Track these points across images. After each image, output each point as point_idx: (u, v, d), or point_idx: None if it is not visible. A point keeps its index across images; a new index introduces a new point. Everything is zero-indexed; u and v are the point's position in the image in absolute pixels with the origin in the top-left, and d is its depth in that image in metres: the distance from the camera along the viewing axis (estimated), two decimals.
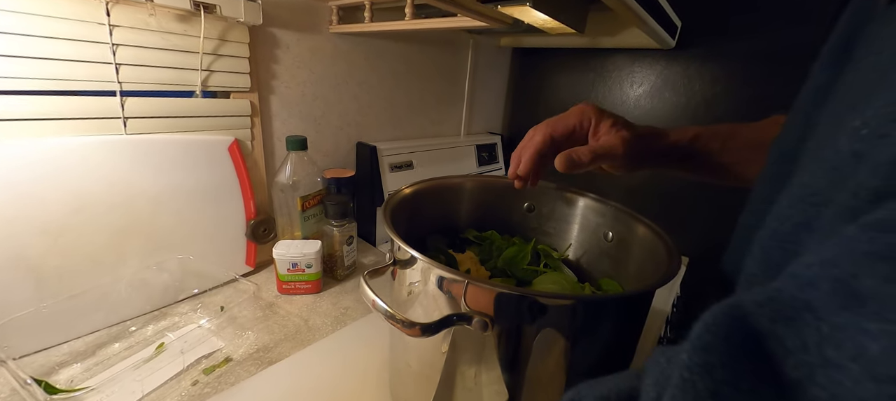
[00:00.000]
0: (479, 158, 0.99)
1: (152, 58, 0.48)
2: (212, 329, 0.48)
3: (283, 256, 0.54)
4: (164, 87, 0.50)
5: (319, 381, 0.42)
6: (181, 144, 0.51)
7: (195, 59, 0.50)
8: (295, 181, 0.57)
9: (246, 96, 0.58)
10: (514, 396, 0.29)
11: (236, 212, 0.58)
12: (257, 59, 0.58)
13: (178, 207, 0.52)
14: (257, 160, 0.61)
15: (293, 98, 0.65)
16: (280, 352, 0.46)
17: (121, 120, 0.47)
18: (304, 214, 0.59)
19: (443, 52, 0.89)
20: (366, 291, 0.27)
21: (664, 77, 0.87)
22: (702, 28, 0.79)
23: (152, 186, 0.49)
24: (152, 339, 0.46)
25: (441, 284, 0.28)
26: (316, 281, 0.57)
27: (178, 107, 0.51)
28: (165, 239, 0.51)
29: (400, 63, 0.81)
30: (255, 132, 0.60)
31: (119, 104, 0.46)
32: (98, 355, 0.44)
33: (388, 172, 0.76)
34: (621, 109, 0.94)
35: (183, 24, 0.49)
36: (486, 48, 1.01)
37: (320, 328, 0.51)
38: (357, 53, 0.72)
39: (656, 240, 0.35)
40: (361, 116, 0.77)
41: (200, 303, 0.53)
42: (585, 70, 0.98)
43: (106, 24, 0.44)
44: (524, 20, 0.65)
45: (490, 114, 1.12)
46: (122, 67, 0.46)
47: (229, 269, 0.55)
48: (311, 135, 0.69)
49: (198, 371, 0.43)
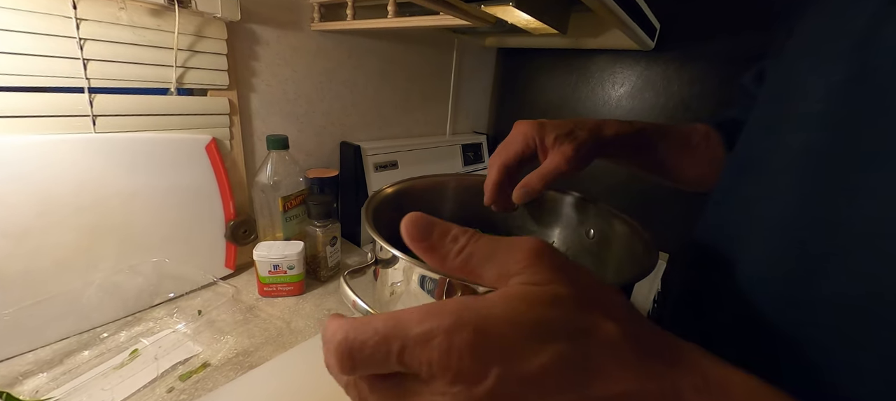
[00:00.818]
0: (464, 158, 0.99)
1: (123, 53, 0.46)
2: (188, 334, 0.47)
3: (264, 257, 0.53)
4: (136, 83, 0.48)
5: (301, 384, 0.42)
6: (156, 143, 0.50)
7: (169, 56, 0.49)
8: (276, 181, 0.56)
9: (224, 94, 0.56)
10: None
11: (215, 213, 0.57)
12: (236, 56, 0.57)
13: (152, 208, 0.50)
14: (237, 160, 0.60)
15: (274, 96, 0.64)
16: (261, 356, 0.45)
17: (89, 118, 0.45)
18: (285, 214, 0.58)
19: (428, 52, 0.89)
20: (346, 292, 0.26)
21: (645, 78, 0.89)
22: (680, 30, 0.81)
23: (125, 186, 0.47)
24: (125, 345, 0.45)
25: (423, 282, 0.28)
26: (298, 283, 0.56)
27: (151, 104, 0.49)
28: (139, 241, 0.50)
29: (385, 62, 0.80)
30: (235, 131, 0.58)
31: (87, 101, 0.44)
32: (66, 363, 0.42)
33: (373, 171, 0.75)
34: (604, 108, 0.96)
35: (156, 18, 0.47)
36: (472, 48, 1.01)
37: (303, 331, 0.50)
38: (340, 51, 0.71)
39: (634, 236, 0.35)
40: (345, 115, 0.76)
41: (177, 307, 0.51)
42: (569, 70, 1.00)
43: (72, 18, 0.42)
44: (508, 20, 0.65)
45: (476, 113, 1.13)
46: (91, 63, 0.44)
47: (207, 271, 0.53)
48: (293, 134, 0.68)
49: (173, 378, 0.41)
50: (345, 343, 0.14)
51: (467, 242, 0.17)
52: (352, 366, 0.14)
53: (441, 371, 0.13)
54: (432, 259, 0.17)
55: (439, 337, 0.13)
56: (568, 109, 1.02)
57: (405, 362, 0.13)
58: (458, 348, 0.13)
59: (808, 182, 0.23)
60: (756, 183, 0.28)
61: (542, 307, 0.14)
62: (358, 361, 0.14)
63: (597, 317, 0.15)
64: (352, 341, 0.14)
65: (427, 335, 0.13)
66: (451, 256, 0.17)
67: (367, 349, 0.14)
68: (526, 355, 0.13)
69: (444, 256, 0.17)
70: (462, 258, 0.16)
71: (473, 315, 0.14)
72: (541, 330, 0.14)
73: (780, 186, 0.25)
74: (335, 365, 0.14)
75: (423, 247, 0.17)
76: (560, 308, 0.14)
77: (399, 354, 0.13)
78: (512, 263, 0.16)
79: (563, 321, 0.14)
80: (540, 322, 0.14)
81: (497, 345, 0.13)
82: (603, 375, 0.14)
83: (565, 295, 0.15)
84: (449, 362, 0.13)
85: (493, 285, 0.16)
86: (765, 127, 0.29)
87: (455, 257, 0.17)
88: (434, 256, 0.17)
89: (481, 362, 0.13)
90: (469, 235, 0.17)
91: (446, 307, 0.14)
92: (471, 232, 0.17)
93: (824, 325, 0.21)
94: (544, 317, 0.14)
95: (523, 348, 0.13)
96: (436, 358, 0.13)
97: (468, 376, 0.13)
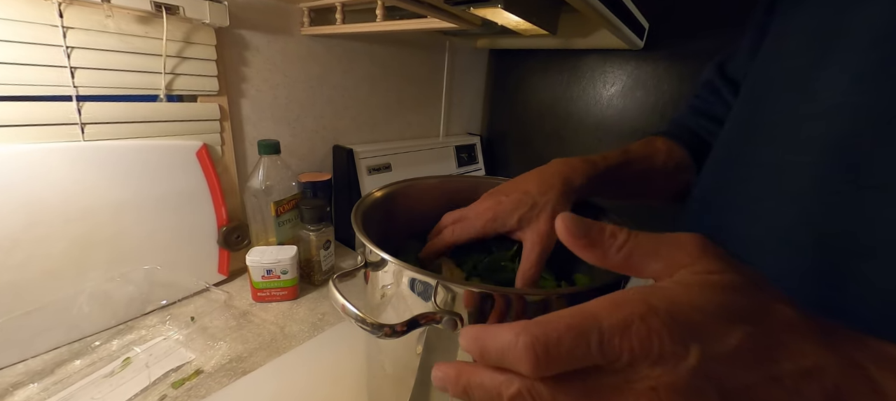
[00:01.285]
0: (458, 160, 1.00)
1: (111, 61, 0.46)
2: (181, 341, 0.46)
3: (257, 262, 0.53)
4: (124, 91, 0.48)
5: (296, 388, 0.41)
6: (146, 150, 0.50)
7: (158, 62, 0.49)
8: (268, 186, 0.56)
9: (214, 100, 0.56)
10: None
11: (207, 219, 0.57)
12: (226, 61, 0.57)
13: (143, 215, 0.50)
14: (228, 165, 0.60)
15: (265, 101, 0.64)
16: (255, 361, 0.45)
17: (78, 126, 0.45)
18: (278, 219, 0.58)
19: (419, 54, 0.90)
20: (335, 295, 0.26)
21: (635, 77, 0.90)
22: (668, 29, 0.82)
23: (115, 194, 0.47)
24: (117, 354, 0.44)
25: (413, 285, 0.28)
26: (292, 287, 0.56)
27: (141, 111, 0.49)
28: (130, 249, 0.49)
29: (376, 65, 0.80)
30: (226, 137, 0.58)
31: (75, 109, 0.44)
32: (57, 373, 0.41)
33: (366, 174, 0.75)
34: (595, 108, 0.97)
35: (143, 26, 0.47)
36: (463, 50, 1.01)
37: (297, 335, 0.50)
38: (331, 56, 0.71)
39: None
40: (337, 118, 0.76)
41: (169, 314, 0.51)
42: (560, 71, 1.00)
43: (59, 26, 0.42)
44: (497, 22, 0.66)
45: (469, 115, 1.13)
46: (78, 71, 0.44)
47: (200, 278, 0.53)
48: (285, 139, 0.68)
49: (166, 385, 0.41)
50: (537, 343, 0.14)
51: (627, 239, 0.18)
52: (548, 364, 0.14)
53: (643, 355, 0.14)
54: (591, 255, 0.18)
55: (636, 323, 0.14)
56: (560, 109, 1.02)
57: (605, 352, 0.14)
58: (657, 331, 0.14)
59: (837, 175, 0.23)
60: (765, 182, 0.27)
61: (725, 293, 0.15)
62: (555, 357, 0.14)
63: (772, 300, 0.15)
64: (545, 340, 0.14)
65: (624, 323, 0.14)
66: (612, 251, 0.18)
67: (564, 344, 0.14)
68: (719, 335, 0.14)
69: (604, 252, 0.18)
70: (624, 253, 0.17)
71: (663, 302, 0.15)
72: (728, 313, 0.15)
73: (801, 184, 0.25)
74: (529, 366, 0.14)
75: (581, 244, 0.18)
76: (740, 293, 0.15)
77: (599, 345, 0.14)
78: (681, 256, 0.17)
79: (745, 305, 0.15)
80: (725, 306, 0.15)
81: (690, 327, 0.14)
82: (790, 350, 0.14)
83: (741, 282, 0.16)
84: (650, 345, 0.14)
85: (656, 277, 0.17)
86: (769, 125, 0.29)
87: (616, 253, 0.18)
88: (594, 252, 0.18)
89: (681, 343, 0.14)
90: (628, 233, 0.18)
91: (631, 296, 0.15)
92: (627, 230, 0.18)
93: (869, 320, 0.21)
94: (728, 301, 0.15)
95: (716, 329, 0.14)
96: (636, 344, 0.14)
97: (670, 357, 0.14)
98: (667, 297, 0.15)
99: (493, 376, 0.15)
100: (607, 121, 0.95)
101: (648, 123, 0.89)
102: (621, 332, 0.14)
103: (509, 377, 0.15)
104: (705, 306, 0.15)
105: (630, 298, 0.15)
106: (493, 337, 0.15)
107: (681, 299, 0.15)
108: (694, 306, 0.15)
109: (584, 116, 0.99)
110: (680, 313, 0.14)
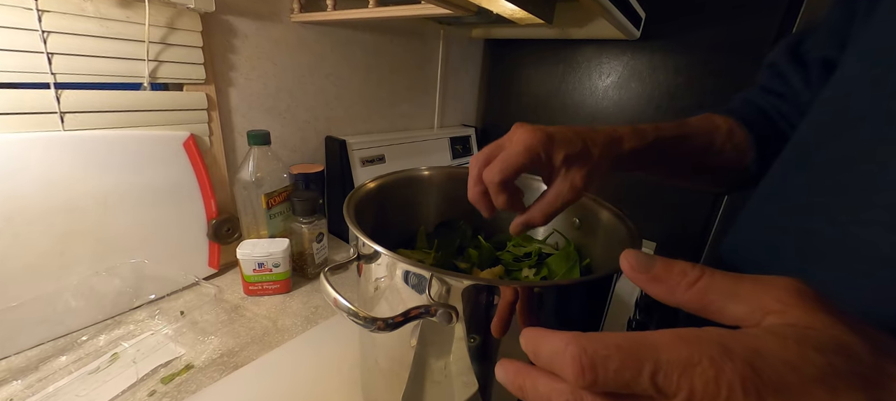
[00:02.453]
0: (453, 151, 0.99)
1: (90, 46, 0.44)
2: (171, 335, 0.46)
3: (248, 256, 0.52)
4: (106, 78, 0.46)
5: (288, 383, 0.41)
6: (130, 141, 0.48)
7: (141, 49, 0.47)
8: (259, 178, 0.55)
9: (201, 89, 0.54)
10: (484, 385, 0.29)
11: (195, 211, 0.55)
12: (212, 49, 0.55)
13: (129, 208, 0.48)
14: (217, 156, 0.58)
15: (255, 91, 0.62)
16: (246, 355, 0.45)
17: (57, 115, 0.43)
18: (269, 211, 0.57)
19: (413, 44, 0.88)
20: (326, 289, 0.26)
21: (631, 68, 0.89)
22: (665, 19, 0.82)
23: (98, 186, 0.46)
24: (105, 349, 0.43)
25: (407, 277, 0.28)
26: (285, 281, 0.55)
27: (124, 100, 0.48)
28: (116, 243, 0.48)
29: (369, 54, 0.79)
30: (214, 127, 0.57)
31: (54, 97, 0.42)
32: (42, 369, 0.40)
33: (360, 166, 0.74)
34: (591, 99, 0.96)
35: (124, 10, 0.45)
36: (458, 39, 1.00)
37: (290, 329, 0.49)
38: (323, 44, 0.70)
39: (619, 224, 0.35)
40: (330, 109, 0.75)
41: (159, 309, 0.50)
42: (556, 61, 0.99)
43: (34, 9, 0.40)
44: (493, 10, 0.65)
45: (464, 106, 1.12)
46: (56, 57, 0.42)
47: (190, 272, 0.52)
48: (276, 129, 0.66)
49: (155, 381, 0.40)
50: (584, 355, 0.14)
51: (700, 276, 0.16)
52: (593, 379, 0.14)
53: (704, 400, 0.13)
54: (657, 290, 0.17)
55: (704, 364, 0.13)
56: (556, 100, 1.02)
57: (658, 384, 0.13)
58: (727, 379, 0.12)
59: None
60: (874, 187, 0.22)
61: (829, 354, 0.13)
62: (602, 374, 0.14)
63: (892, 369, 0.13)
64: (592, 354, 0.14)
65: (688, 360, 0.13)
66: (682, 288, 0.16)
67: (612, 363, 0.14)
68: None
69: (672, 288, 0.17)
70: (696, 291, 0.16)
71: (743, 348, 0.13)
72: (830, 380, 0.12)
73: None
74: (572, 375, 0.14)
75: (644, 279, 0.17)
76: (850, 359, 0.13)
77: (652, 374, 0.13)
78: (769, 300, 0.15)
79: (855, 374, 0.13)
80: (828, 371, 0.13)
81: (774, 386, 0.12)
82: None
83: (852, 343, 0.13)
84: (717, 392, 0.12)
85: (738, 323, 0.15)
86: (879, 114, 0.23)
87: (686, 290, 0.16)
88: (659, 287, 0.17)
89: (755, 399, 0.12)
90: (701, 270, 0.16)
91: (704, 335, 0.14)
92: (701, 266, 0.17)
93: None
94: (834, 366, 0.13)
95: (808, 395, 0.12)
96: (699, 386, 0.13)
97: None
98: (750, 345, 0.13)
99: (548, 382, 0.16)
100: (602, 112, 0.95)
101: (644, 115, 0.89)
102: (682, 369, 0.13)
103: (561, 386, 0.15)
104: (801, 365, 0.12)
105: (701, 336, 0.13)
106: (547, 341, 0.16)
107: (770, 351, 0.13)
108: (787, 362, 0.13)
109: (580, 108, 0.98)
110: (765, 366, 0.13)
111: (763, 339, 0.13)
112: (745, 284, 0.15)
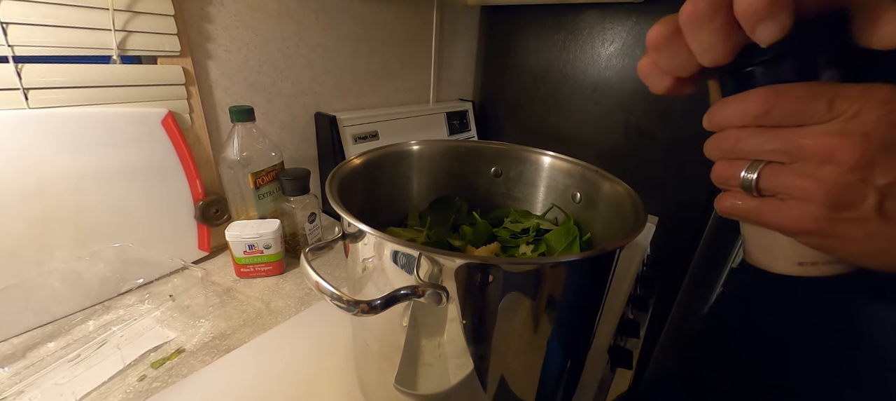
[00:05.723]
0: (449, 127, 0.95)
1: (48, 14, 0.40)
2: (161, 319, 0.45)
3: (237, 237, 0.50)
4: (70, 50, 0.43)
5: (281, 364, 0.40)
6: (103, 118, 0.45)
7: (105, 17, 0.43)
8: (245, 156, 0.52)
9: (177, 62, 0.51)
10: (479, 365, 0.28)
11: (181, 193, 0.53)
12: (186, 17, 0.51)
13: (108, 190, 0.46)
14: (200, 135, 0.55)
15: (236, 64, 0.59)
16: (239, 338, 0.44)
17: (19, 91, 0.40)
18: (257, 191, 0.55)
19: (405, 12, 0.83)
20: (307, 271, 0.24)
21: (635, 34, 0.85)
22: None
23: (71, 167, 0.43)
24: (94, 335, 0.42)
25: (395, 257, 0.26)
26: (277, 262, 0.54)
27: (93, 75, 0.44)
28: (97, 226, 0.46)
29: (358, 24, 0.74)
30: (194, 103, 0.54)
31: (14, 72, 0.39)
32: (29, 356, 0.39)
33: (352, 143, 0.71)
34: (592, 69, 0.92)
35: None
36: (453, 8, 0.94)
37: (283, 311, 0.48)
38: (307, 12, 0.65)
39: (623, 196, 0.33)
40: (318, 83, 0.71)
41: (148, 293, 0.49)
42: (556, 28, 0.94)
43: None
44: None
45: (460, 79, 1.07)
46: (11, 27, 0.38)
47: (178, 255, 0.50)
48: (261, 105, 0.63)
49: (145, 365, 0.39)
50: (773, 89, 0.18)
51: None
52: (776, 102, 0.17)
53: (876, 105, 0.16)
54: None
55: (887, 92, 0.16)
56: (556, 70, 0.97)
57: (835, 106, 0.16)
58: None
59: None
60: None
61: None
62: (786, 98, 0.17)
63: None
64: (779, 88, 0.17)
65: (867, 88, 0.16)
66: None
67: (798, 90, 0.17)
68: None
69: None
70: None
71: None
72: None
73: None
74: (758, 103, 0.18)
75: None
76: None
77: (830, 100, 0.16)
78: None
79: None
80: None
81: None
82: None
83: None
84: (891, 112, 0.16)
85: None
86: None
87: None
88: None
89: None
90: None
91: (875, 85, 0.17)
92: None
93: None
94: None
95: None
96: (882, 96, 0.16)
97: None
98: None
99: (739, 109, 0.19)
100: (606, 82, 0.91)
101: None
102: (862, 90, 0.16)
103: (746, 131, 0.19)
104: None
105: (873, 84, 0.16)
106: (726, 103, 0.19)
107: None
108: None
109: (581, 78, 0.94)
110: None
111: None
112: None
